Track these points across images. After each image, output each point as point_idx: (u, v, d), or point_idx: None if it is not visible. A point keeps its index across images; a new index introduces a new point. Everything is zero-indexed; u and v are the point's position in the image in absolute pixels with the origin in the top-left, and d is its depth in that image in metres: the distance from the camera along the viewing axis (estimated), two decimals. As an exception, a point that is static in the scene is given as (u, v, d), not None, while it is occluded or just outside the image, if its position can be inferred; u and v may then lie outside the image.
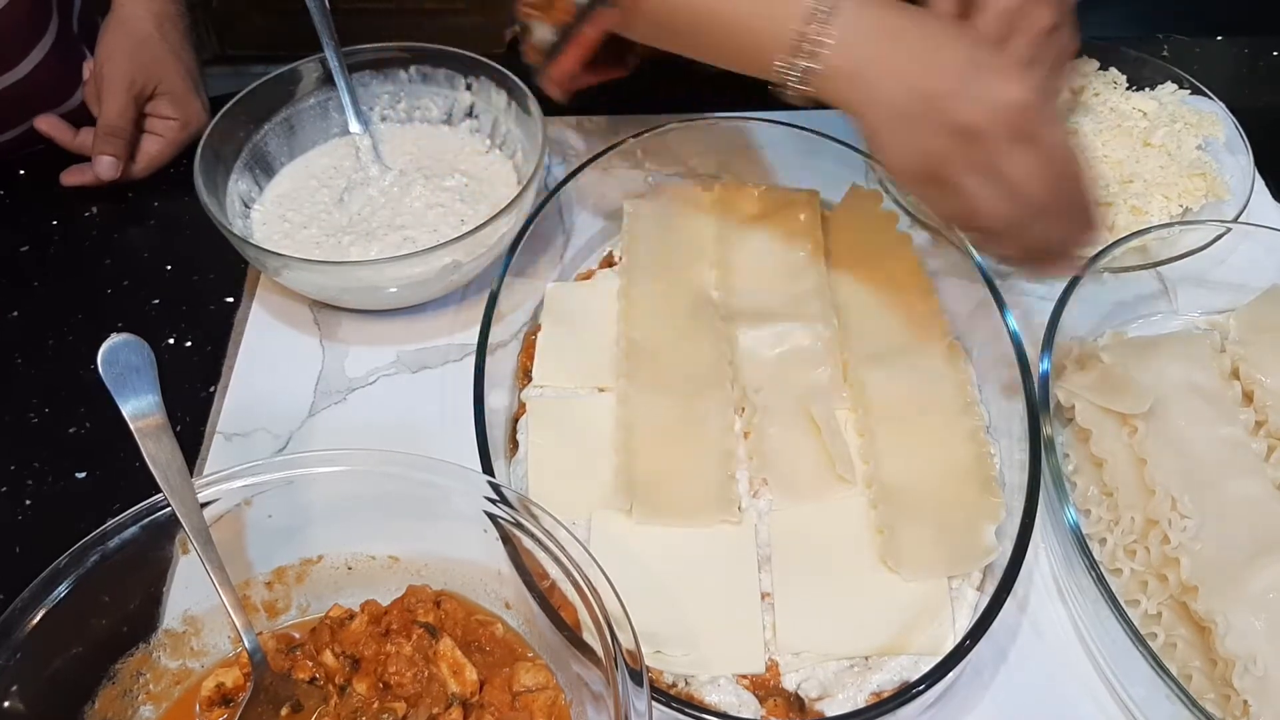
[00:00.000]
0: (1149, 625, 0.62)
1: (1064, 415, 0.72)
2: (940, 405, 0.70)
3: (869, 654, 0.59)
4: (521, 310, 0.78)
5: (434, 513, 0.58)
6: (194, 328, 0.80)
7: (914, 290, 0.76)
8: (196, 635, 0.59)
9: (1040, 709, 0.61)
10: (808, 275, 0.78)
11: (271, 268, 0.76)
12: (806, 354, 0.73)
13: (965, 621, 0.60)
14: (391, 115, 0.92)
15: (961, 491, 0.66)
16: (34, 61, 0.92)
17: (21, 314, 0.82)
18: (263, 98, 0.86)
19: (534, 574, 0.55)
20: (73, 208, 0.89)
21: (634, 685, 0.49)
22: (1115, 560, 0.64)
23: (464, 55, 0.89)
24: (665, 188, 0.85)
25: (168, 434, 0.56)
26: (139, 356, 0.56)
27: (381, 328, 0.80)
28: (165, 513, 0.55)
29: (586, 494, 0.66)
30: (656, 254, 0.80)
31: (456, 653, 0.56)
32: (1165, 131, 0.87)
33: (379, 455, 0.58)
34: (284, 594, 0.61)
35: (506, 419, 0.72)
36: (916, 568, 0.62)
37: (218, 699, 0.56)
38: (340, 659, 0.56)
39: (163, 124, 0.90)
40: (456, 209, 0.83)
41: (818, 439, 0.68)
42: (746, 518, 0.65)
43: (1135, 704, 0.60)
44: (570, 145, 0.95)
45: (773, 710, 0.58)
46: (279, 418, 0.75)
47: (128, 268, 0.85)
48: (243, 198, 0.84)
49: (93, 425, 0.74)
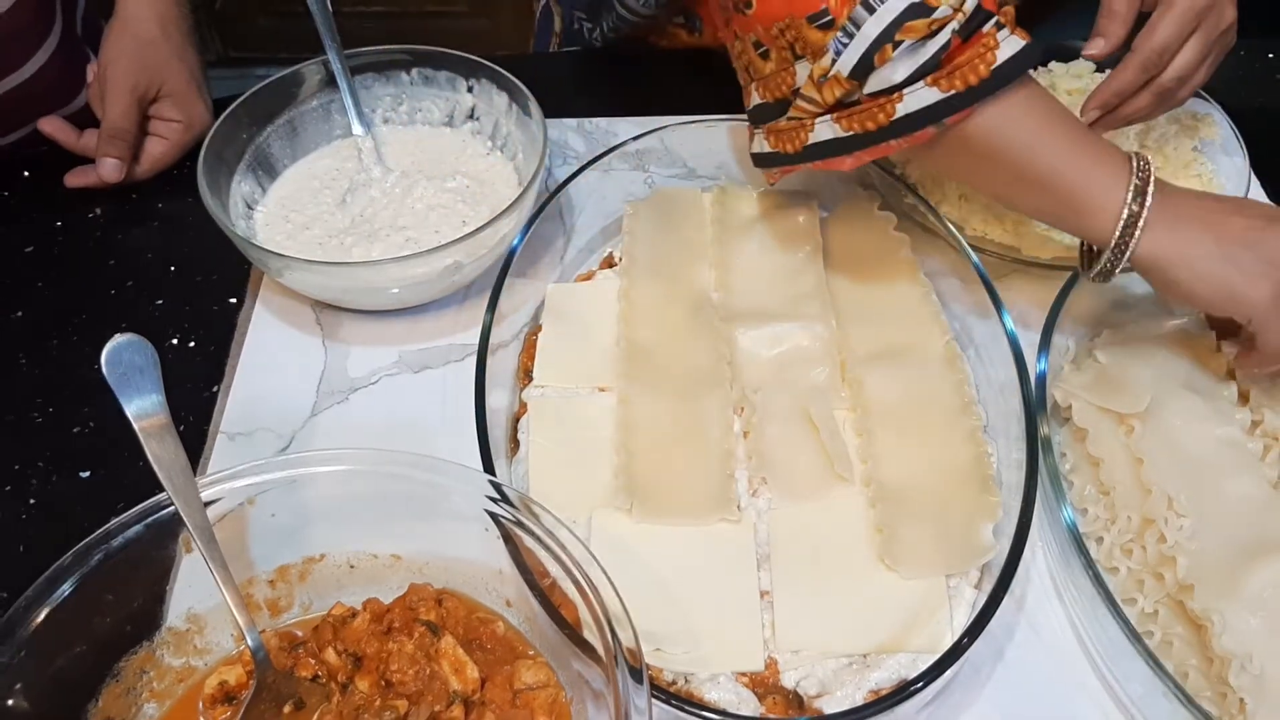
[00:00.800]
0: (1146, 623, 0.62)
1: (1061, 415, 0.72)
2: (938, 405, 0.70)
3: (867, 652, 0.60)
4: (522, 311, 0.78)
5: (435, 512, 0.59)
6: (197, 328, 0.81)
7: (911, 291, 0.77)
8: (200, 633, 0.59)
9: (1037, 706, 0.62)
10: (806, 276, 0.78)
11: (274, 268, 0.77)
12: (805, 354, 0.74)
13: (963, 620, 0.61)
14: (393, 117, 0.92)
15: (959, 490, 0.66)
16: (38, 64, 0.93)
17: (26, 314, 0.82)
18: (266, 100, 0.86)
19: (535, 572, 0.56)
20: (76, 208, 0.89)
21: (634, 683, 0.49)
22: (1112, 559, 0.65)
23: (465, 58, 0.89)
24: (665, 189, 0.86)
25: (171, 433, 0.56)
26: (142, 357, 0.57)
27: (383, 328, 0.81)
28: (169, 512, 0.55)
29: (587, 493, 0.66)
30: (656, 255, 0.80)
31: (458, 651, 0.56)
32: (1161, 133, 0.87)
33: (381, 455, 0.58)
34: (286, 592, 0.61)
35: (507, 419, 0.72)
36: (914, 566, 0.62)
37: (221, 697, 0.56)
38: (343, 657, 0.57)
39: (166, 126, 0.91)
40: (458, 210, 0.83)
41: (816, 439, 0.68)
42: (746, 517, 0.66)
43: (1132, 702, 0.60)
44: (571, 147, 0.95)
45: (772, 708, 0.59)
46: (282, 417, 0.75)
47: (131, 268, 0.85)
48: (246, 199, 0.84)
49: (96, 425, 0.74)
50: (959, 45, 0.61)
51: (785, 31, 0.64)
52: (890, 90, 0.62)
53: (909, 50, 0.61)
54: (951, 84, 0.61)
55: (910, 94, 0.62)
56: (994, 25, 0.61)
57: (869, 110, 0.63)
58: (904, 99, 0.62)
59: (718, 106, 0.87)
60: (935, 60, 0.61)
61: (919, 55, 0.61)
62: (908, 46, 0.60)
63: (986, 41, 0.61)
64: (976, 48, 0.61)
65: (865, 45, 0.61)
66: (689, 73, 1.03)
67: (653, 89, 1.02)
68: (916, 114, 0.62)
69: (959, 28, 0.60)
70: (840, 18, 0.61)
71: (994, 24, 0.61)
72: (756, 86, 0.70)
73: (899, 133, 0.63)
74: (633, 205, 0.83)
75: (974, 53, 0.61)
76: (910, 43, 0.60)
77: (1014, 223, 0.83)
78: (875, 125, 0.64)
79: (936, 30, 0.60)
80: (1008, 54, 0.61)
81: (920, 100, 0.62)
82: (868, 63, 0.61)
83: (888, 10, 0.60)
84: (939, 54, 0.61)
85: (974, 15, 0.60)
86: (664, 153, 0.88)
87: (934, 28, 0.60)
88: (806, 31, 0.63)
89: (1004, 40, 0.61)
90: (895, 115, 0.63)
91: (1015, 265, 0.82)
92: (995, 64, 0.61)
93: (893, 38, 0.60)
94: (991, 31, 0.61)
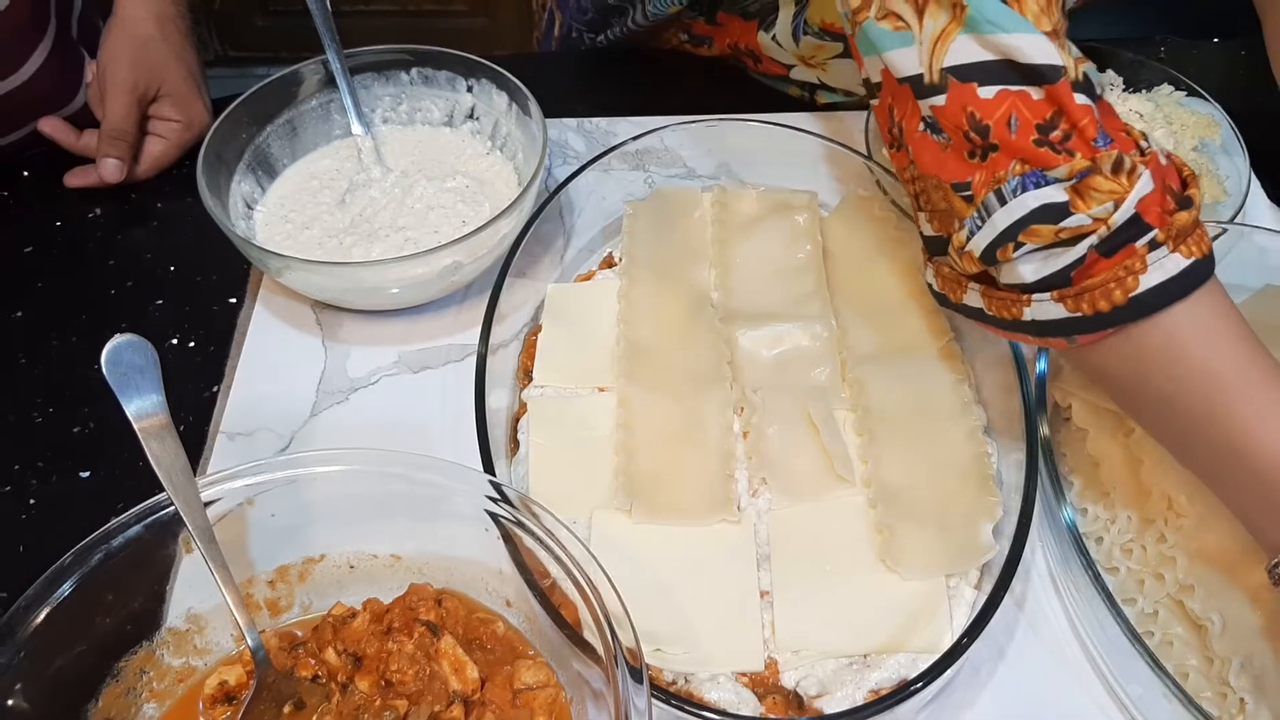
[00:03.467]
0: (1146, 624, 0.62)
1: (1061, 415, 0.72)
2: (938, 405, 0.70)
3: (867, 652, 0.60)
4: (522, 311, 0.78)
5: (436, 512, 0.59)
6: (197, 328, 0.81)
7: (912, 290, 0.77)
8: (200, 633, 0.59)
9: (1037, 707, 0.62)
10: (806, 276, 0.78)
11: (274, 269, 0.77)
12: (805, 354, 0.74)
13: (963, 620, 0.61)
14: (393, 117, 0.92)
15: (959, 491, 0.66)
16: (34, 66, 0.92)
17: (25, 314, 0.82)
18: (265, 99, 0.86)
19: (535, 572, 0.56)
20: (76, 209, 0.89)
21: (634, 683, 0.49)
22: (1112, 559, 0.65)
23: (465, 57, 0.89)
24: (665, 189, 0.86)
25: (171, 434, 0.56)
26: (142, 357, 0.56)
27: (383, 328, 0.81)
28: (169, 512, 0.55)
29: (587, 493, 0.66)
30: (656, 255, 0.80)
31: (458, 651, 0.56)
32: (1162, 133, 0.87)
33: (381, 455, 0.58)
34: (286, 592, 0.61)
35: (507, 419, 0.72)
36: (914, 566, 0.62)
37: (221, 697, 0.56)
38: (342, 657, 0.57)
39: (166, 126, 0.91)
40: (458, 210, 0.83)
41: (816, 439, 0.68)
42: (746, 517, 0.66)
43: (1132, 702, 0.60)
44: (571, 147, 0.95)
45: (772, 708, 0.59)
46: (282, 418, 0.75)
47: (131, 268, 0.85)
48: (245, 199, 0.84)
49: (96, 425, 0.74)
50: (1098, 261, 0.52)
51: (939, 190, 0.59)
52: (1019, 289, 0.56)
53: (1035, 255, 0.54)
54: (1079, 306, 0.53)
55: (1037, 302, 0.55)
56: (1148, 244, 0.51)
57: (1004, 300, 0.58)
58: (1031, 304, 0.56)
59: (718, 106, 0.87)
60: (1064, 275, 0.53)
61: (1048, 264, 0.54)
62: (1031, 251, 0.54)
63: (1131, 264, 0.51)
64: (1116, 269, 0.52)
65: (992, 236, 0.55)
66: (689, 73, 1.03)
67: (653, 89, 1.02)
68: (1043, 324, 0.56)
69: (1099, 242, 0.52)
70: (978, 196, 0.55)
71: (1148, 241, 0.51)
72: (928, 217, 0.62)
73: (1030, 332, 0.57)
74: (632, 205, 0.83)
75: (1111, 275, 0.52)
76: (1032, 247, 0.53)
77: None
78: (1010, 316, 0.57)
79: (1070, 240, 0.52)
80: (1155, 281, 0.51)
81: (1046, 313, 0.55)
82: (991, 254, 0.56)
83: (1018, 205, 0.53)
84: (1069, 269, 0.53)
85: (1124, 228, 0.51)
86: (664, 153, 0.88)
87: (1063, 236, 0.52)
88: (952, 198, 0.57)
89: (1155, 263, 0.51)
90: (1023, 317, 0.57)
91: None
92: (1136, 291, 0.51)
93: (1015, 237, 0.54)
94: (1143, 251, 0.51)
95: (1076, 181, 0.52)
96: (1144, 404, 0.56)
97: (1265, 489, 0.51)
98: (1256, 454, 0.51)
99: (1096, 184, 0.52)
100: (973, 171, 0.56)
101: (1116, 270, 0.52)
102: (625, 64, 1.07)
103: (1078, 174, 0.52)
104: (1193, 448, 0.55)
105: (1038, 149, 0.53)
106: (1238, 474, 0.52)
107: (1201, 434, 0.53)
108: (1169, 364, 0.53)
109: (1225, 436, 0.52)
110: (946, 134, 0.57)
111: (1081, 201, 0.52)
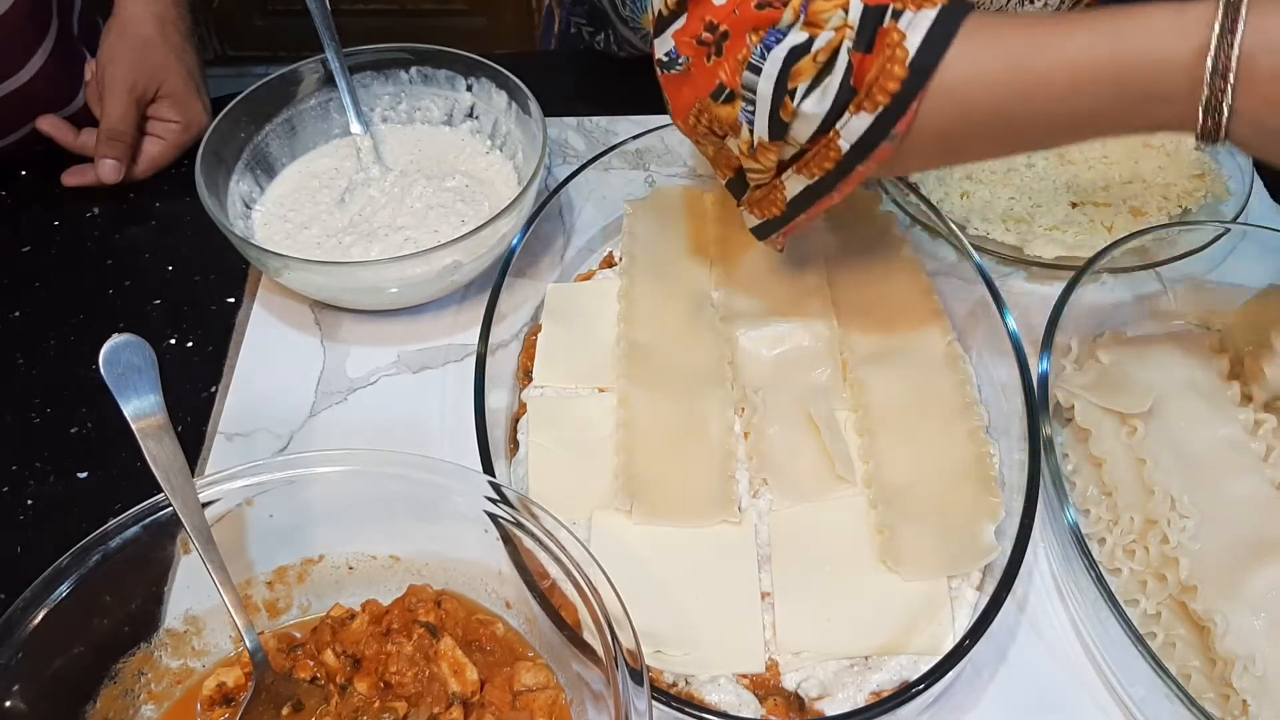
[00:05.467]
0: (1148, 625, 0.62)
1: (1063, 415, 0.72)
2: (940, 405, 0.70)
3: (869, 653, 0.59)
4: (522, 310, 0.78)
5: (435, 512, 0.59)
6: (195, 328, 0.81)
7: (913, 290, 0.77)
8: (198, 635, 0.59)
9: (1039, 708, 0.61)
10: (807, 275, 0.78)
11: (273, 268, 0.77)
12: (806, 354, 0.74)
13: (965, 621, 0.60)
14: (392, 116, 0.92)
15: (961, 491, 0.66)
16: (35, 67, 0.92)
17: (23, 314, 0.82)
18: (264, 99, 0.86)
19: (534, 574, 0.55)
20: (74, 208, 0.89)
21: (634, 684, 0.49)
22: (1114, 560, 0.64)
23: (464, 56, 0.89)
24: (665, 188, 0.86)
25: (169, 434, 0.56)
26: (140, 357, 0.56)
27: (382, 328, 0.81)
28: (167, 512, 0.55)
29: (587, 494, 0.66)
30: (656, 254, 0.80)
31: (457, 652, 0.56)
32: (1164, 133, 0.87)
33: (380, 455, 0.58)
34: (285, 593, 0.61)
35: (507, 419, 0.72)
36: (916, 567, 0.62)
37: (219, 698, 0.56)
38: (341, 658, 0.56)
39: (164, 126, 0.90)
40: (457, 209, 0.83)
41: (817, 439, 0.68)
42: (746, 518, 0.65)
43: (1134, 703, 0.60)
44: (571, 146, 0.95)
45: (773, 709, 0.58)
46: (280, 418, 0.75)
47: (129, 268, 0.85)
48: (244, 198, 0.84)
49: (94, 425, 0.74)
50: (863, 59, 0.54)
51: (700, 116, 0.61)
52: (822, 131, 0.58)
53: (812, 93, 0.56)
54: (874, 103, 0.55)
55: (843, 127, 0.57)
56: (892, 17, 0.53)
57: (818, 155, 0.59)
58: (840, 134, 0.57)
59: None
60: (846, 89, 0.55)
61: (827, 92, 0.56)
62: (806, 91, 0.56)
63: (891, 40, 0.53)
64: (882, 55, 0.54)
65: (767, 106, 0.57)
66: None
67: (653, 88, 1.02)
68: (861, 142, 0.57)
69: (853, 45, 0.54)
70: (735, 87, 0.58)
71: (891, 15, 0.53)
72: (720, 174, 0.67)
73: (857, 161, 0.58)
74: (633, 204, 0.83)
75: (880, 61, 0.54)
76: (805, 86, 0.56)
77: (1016, 221, 0.83)
78: (832, 164, 0.59)
79: (829, 60, 0.55)
80: (918, 38, 0.53)
81: (856, 130, 0.56)
82: (779, 122, 0.57)
83: (771, 64, 0.56)
84: (846, 81, 0.55)
85: (865, 21, 0.54)
86: (664, 151, 0.87)
87: (822, 60, 0.55)
88: (716, 110, 0.60)
89: (909, 25, 0.53)
90: (844, 151, 0.58)
91: (1017, 265, 0.82)
92: (909, 58, 0.53)
93: (787, 89, 0.56)
94: (891, 26, 0.53)
95: (804, 18, 0.55)
96: (999, 136, 0.58)
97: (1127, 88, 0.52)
98: (1105, 75, 0.52)
99: (819, 6, 0.55)
100: (717, 70, 0.59)
101: (883, 54, 0.54)
102: (625, 63, 1.06)
103: (800, 9, 0.56)
104: (1076, 129, 0.57)
105: (761, 12, 0.57)
106: (1114, 100, 0.53)
107: (1064, 112, 0.54)
108: (985, 92, 0.54)
109: (1074, 89, 0.53)
110: (683, 56, 0.60)
111: (818, 27, 0.55)
